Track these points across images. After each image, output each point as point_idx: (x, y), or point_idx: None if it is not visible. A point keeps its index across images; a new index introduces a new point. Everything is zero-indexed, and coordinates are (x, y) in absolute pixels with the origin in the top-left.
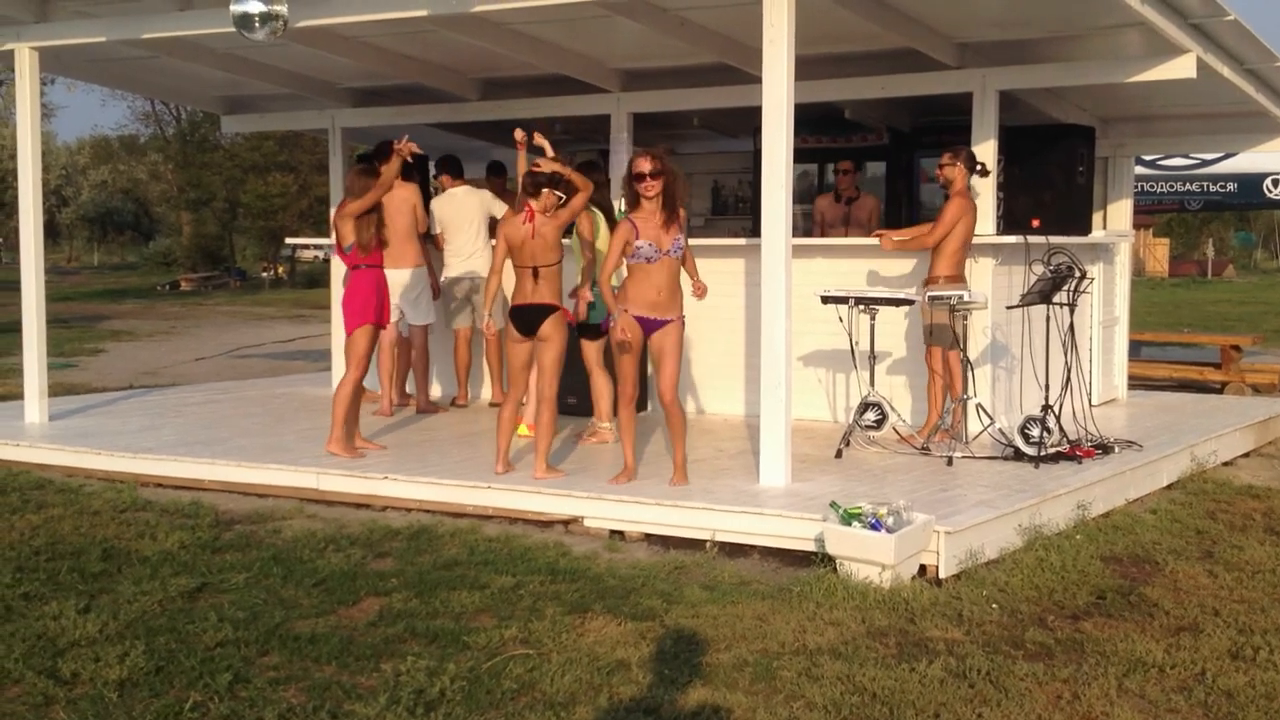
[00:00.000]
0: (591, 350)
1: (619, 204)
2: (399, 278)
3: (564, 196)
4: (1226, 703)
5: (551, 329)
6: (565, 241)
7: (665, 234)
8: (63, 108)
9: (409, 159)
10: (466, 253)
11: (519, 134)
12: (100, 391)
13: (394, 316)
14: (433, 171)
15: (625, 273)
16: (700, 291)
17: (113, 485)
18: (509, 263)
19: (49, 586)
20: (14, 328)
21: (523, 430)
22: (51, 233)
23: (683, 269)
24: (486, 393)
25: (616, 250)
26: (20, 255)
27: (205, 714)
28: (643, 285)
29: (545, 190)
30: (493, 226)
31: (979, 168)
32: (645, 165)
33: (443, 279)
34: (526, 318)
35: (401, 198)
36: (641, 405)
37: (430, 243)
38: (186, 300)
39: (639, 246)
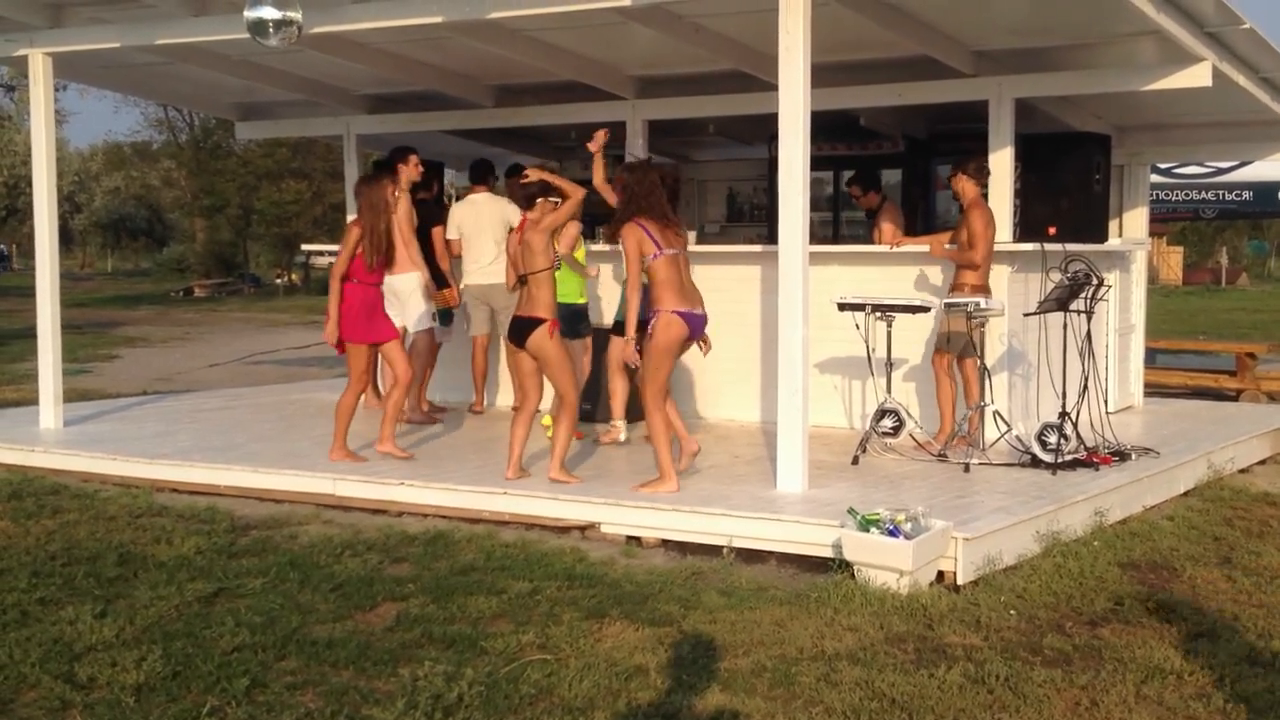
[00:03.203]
0: (617, 349)
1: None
2: (408, 283)
3: (559, 203)
4: (1245, 708)
5: (536, 343)
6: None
7: None
8: (75, 114)
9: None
10: (485, 260)
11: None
12: (115, 397)
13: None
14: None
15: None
16: None
17: (128, 490)
18: None
19: (65, 591)
20: (29, 333)
21: (546, 420)
22: (65, 239)
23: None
24: (502, 399)
25: None
26: (35, 261)
27: (223, 719)
28: None
29: (540, 200)
30: None
31: (983, 174)
32: None
33: (462, 286)
34: (516, 329)
35: (408, 207)
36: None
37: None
38: (200, 306)
39: None
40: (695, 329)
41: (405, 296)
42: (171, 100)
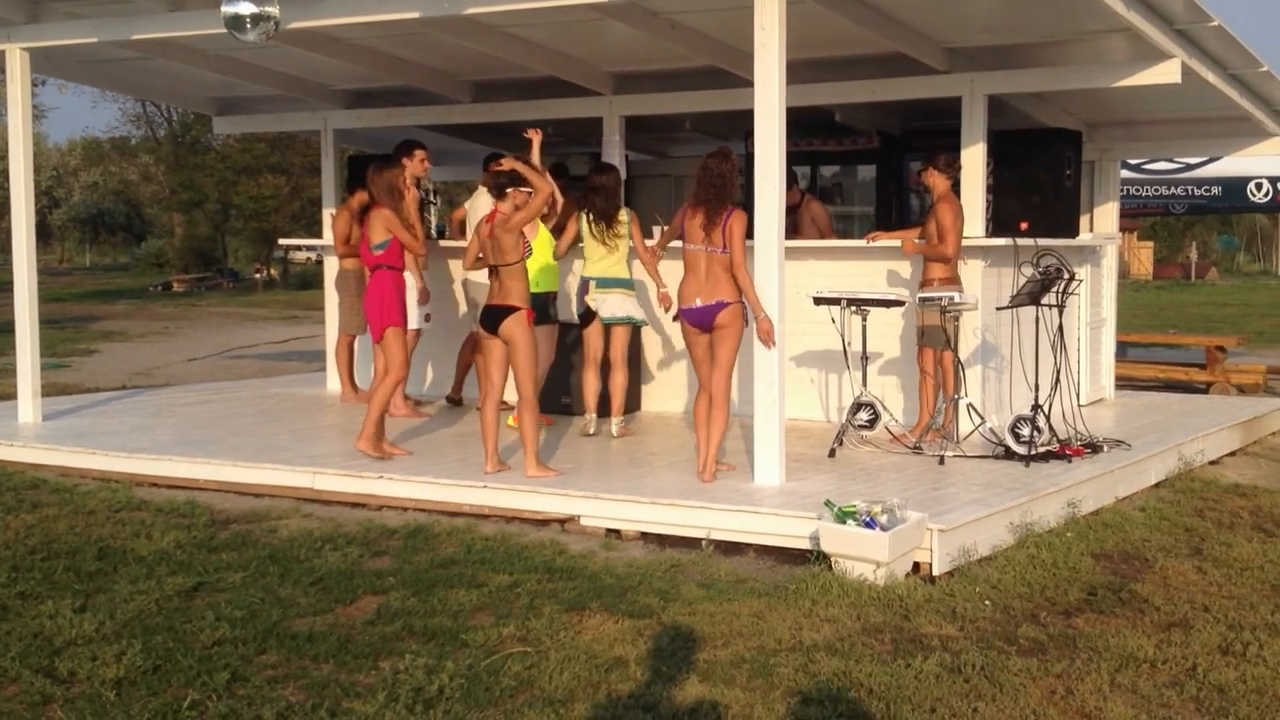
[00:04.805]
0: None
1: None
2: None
3: (530, 192)
4: (1218, 697)
5: (511, 330)
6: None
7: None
8: (53, 109)
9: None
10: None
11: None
12: (93, 392)
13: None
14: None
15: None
16: None
17: (107, 485)
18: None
19: (45, 586)
20: (7, 328)
21: (510, 422)
22: (43, 234)
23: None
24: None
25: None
26: (12, 256)
27: (203, 712)
28: None
29: (511, 190)
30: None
31: (954, 168)
32: None
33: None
34: (489, 317)
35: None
36: (634, 405)
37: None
38: (179, 301)
39: None
40: (689, 319)
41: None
42: (149, 95)
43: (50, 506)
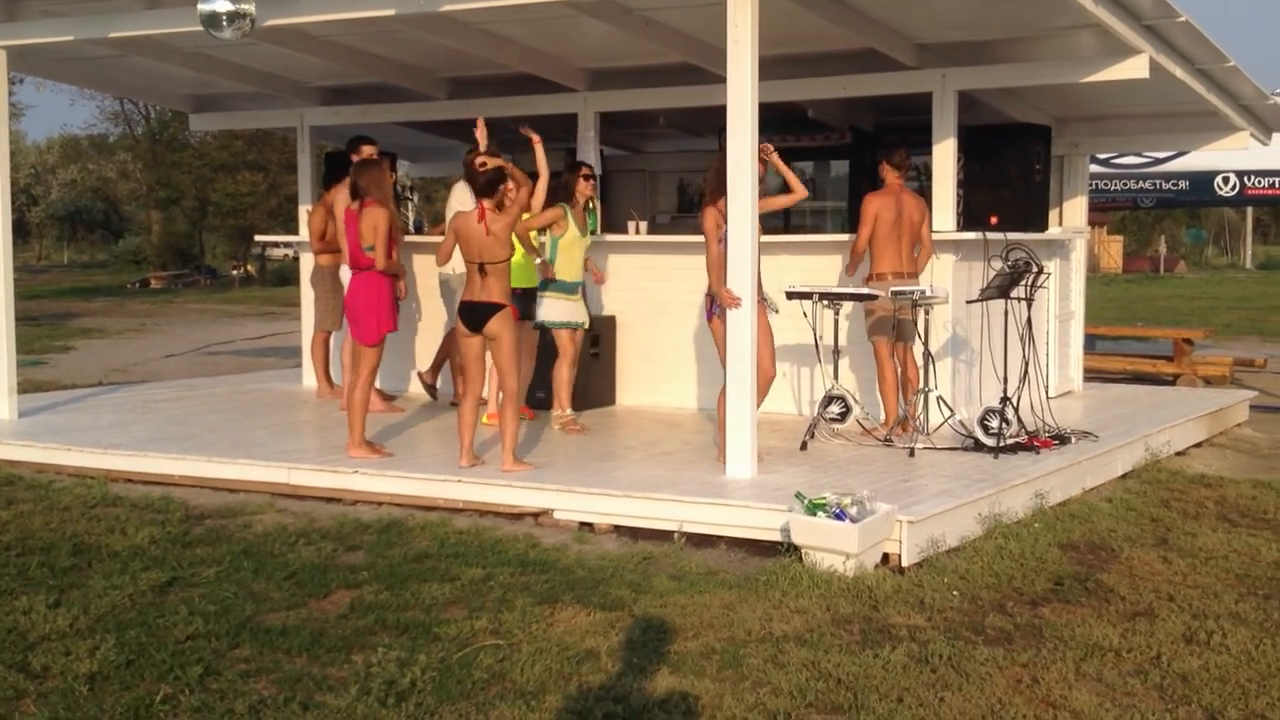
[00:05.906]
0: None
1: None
2: None
3: (512, 189)
4: (1181, 685)
5: (498, 327)
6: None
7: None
8: (31, 107)
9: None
10: None
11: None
12: (70, 388)
13: None
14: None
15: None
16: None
17: (83, 481)
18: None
19: (19, 581)
20: None
21: (484, 420)
22: (21, 231)
23: None
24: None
25: None
26: None
27: (176, 707)
28: None
29: (502, 186)
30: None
31: (906, 163)
32: None
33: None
34: (473, 315)
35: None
36: (608, 400)
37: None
38: (156, 298)
39: None
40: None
41: None
42: (126, 93)
43: (25, 503)
